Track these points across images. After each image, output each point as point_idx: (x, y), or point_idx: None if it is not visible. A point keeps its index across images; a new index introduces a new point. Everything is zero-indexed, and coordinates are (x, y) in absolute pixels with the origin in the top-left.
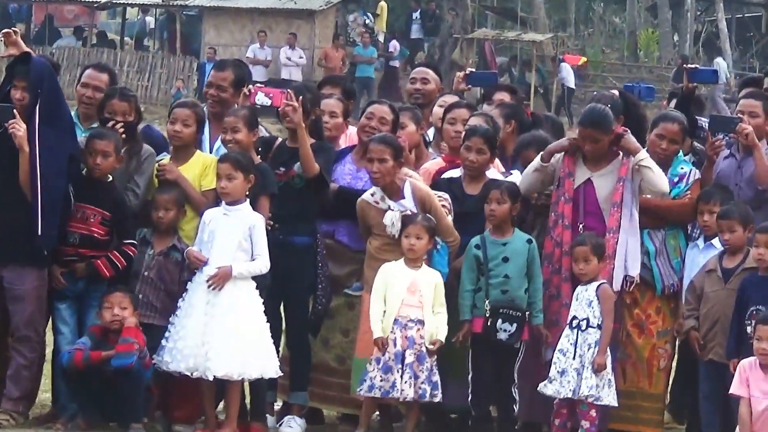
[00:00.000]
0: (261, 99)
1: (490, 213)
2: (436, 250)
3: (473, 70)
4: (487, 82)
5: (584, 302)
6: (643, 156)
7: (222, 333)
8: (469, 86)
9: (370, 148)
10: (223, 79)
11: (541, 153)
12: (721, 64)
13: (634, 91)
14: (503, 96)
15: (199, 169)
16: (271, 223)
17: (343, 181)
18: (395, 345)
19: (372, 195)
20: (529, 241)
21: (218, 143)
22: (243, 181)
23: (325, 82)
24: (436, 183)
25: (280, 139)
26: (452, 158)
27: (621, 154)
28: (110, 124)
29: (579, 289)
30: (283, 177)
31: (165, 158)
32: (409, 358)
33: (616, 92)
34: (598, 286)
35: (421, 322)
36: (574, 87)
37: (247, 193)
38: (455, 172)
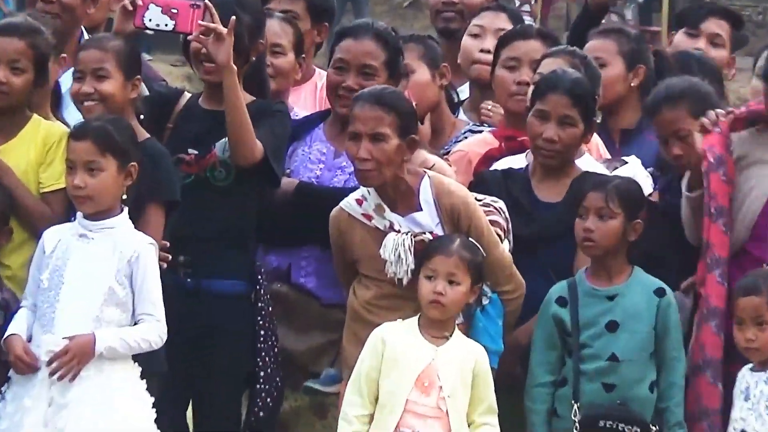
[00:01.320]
0: (154, 17)
1: (585, 238)
2: (480, 306)
3: None
4: None
5: (762, 404)
6: None
7: None
8: None
9: (354, 114)
10: None
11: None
12: None
13: None
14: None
15: (36, 151)
16: (172, 255)
17: (308, 174)
18: None
19: (359, 203)
20: (661, 292)
21: (67, 100)
22: (115, 175)
23: None
24: (481, 179)
25: (187, 96)
26: (510, 133)
27: None
28: None
29: (747, 374)
30: (195, 167)
31: None
32: None
33: None
34: None
35: None
36: None
37: (124, 196)
38: (516, 160)
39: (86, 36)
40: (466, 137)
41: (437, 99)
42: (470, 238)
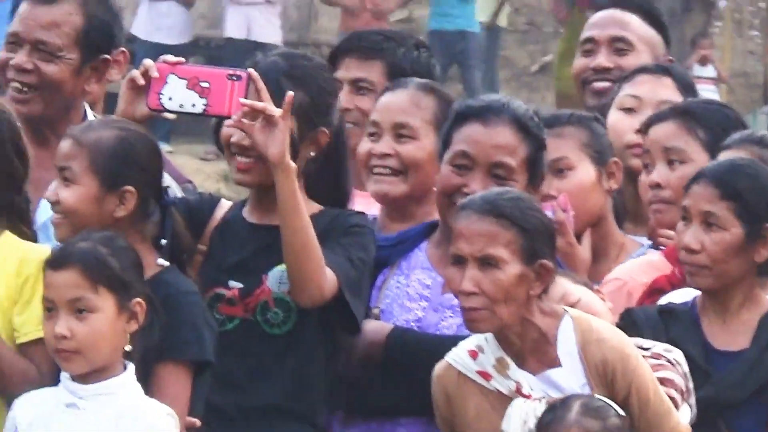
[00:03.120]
0: (175, 94)
1: None
2: None
3: None
4: None
5: None
6: None
7: None
8: None
9: (458, 228)
10: (50, 25)
11: None
12: None
13: None
14: None
15: (8, 284)
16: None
17: (405, 316)
18: None
19: (473, 356)
20: None
21: (42, 211)
22: (113, 317)
23: (348, 47)
24: (630, 320)
25: (226, 205)
26: None
27: None
28: None
29: None
30: (240, 307)
31: None
32: None
33: None
34: None
35: None
36: None
37: (128, 347)
38: (686, 293)
39: (91, 115)
40: None
41: (602, 208)
42: (600, 397)
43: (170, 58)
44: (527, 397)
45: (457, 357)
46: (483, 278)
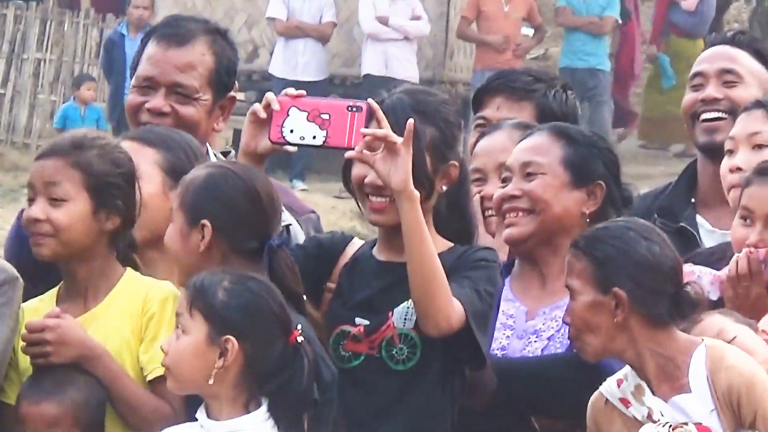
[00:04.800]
0: (297, 127)
1: None
2: None
3: None
4: None
5: None
6: None
7: None
8: None
9: (568, 261)
10: (186, 67)
11: None
12: None
13: None
14: None
15: (133, 321)
16: None
17: (492, 345)
18: None
19: (618, 383)
20: None
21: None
22: (202, 345)
23: (498, 87)
24: None
25: (357, 244)
26: None
27: None
28: None
29: None
30: (365, 344)
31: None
32: None
33: None
34: None
35: None
36: None
37: (210, 381)
38: None
39: (213, 156)
40: None
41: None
42: None
43: (291, 91)
44: (655, 422)
45: (607, 385)
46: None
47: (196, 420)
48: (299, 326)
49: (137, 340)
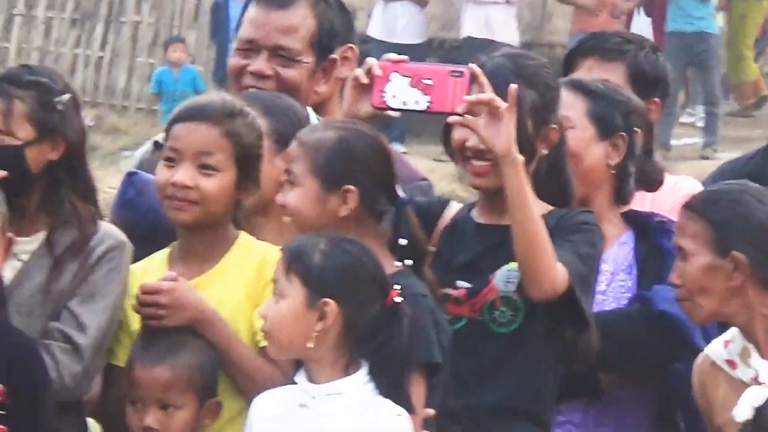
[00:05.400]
0: (399, 92)
1: None
2: None
3: None
4: None
5: None
6: None
7: None
8: None
9: (680, 222)
10: (288, 30)
11: None
12: None
13: None
14: None
15: (247, 286)
16: None
17: None
18: None
19: (725, 345)
20: None
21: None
22: (300, 309)
23: (589, 49)
24: None
25: (455, 207)
26: None
27: None
28: None
29: None
30: (467, 307)
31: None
32: None
33: None
34: None
35: None
36: None
37: (310, 345)
38: None
39: (314, 119)
40: None
41: None
42: None
43: (393, 56)
44: (761, 384)
45: (713, 347)
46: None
47: (295, 383)
48: (397, 287)
49: (252, 305)
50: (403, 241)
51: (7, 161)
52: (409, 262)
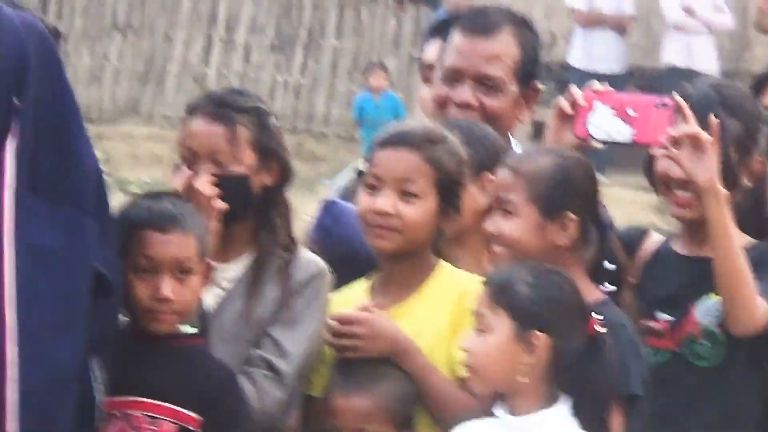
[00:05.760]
0: (603, 123)
1: None
2: None
3: None
4: None
5: None
6: None
7: None
8: None
9: None
10: (493, 58)
11: None
12: None
13: None
14: None
15: (449, 316)
16: None
17: None
18: None
19: None
20: None
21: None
22: (507, 342)
23: None
24: None
25: (656, 238)
26: None
27: None
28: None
29: None
30: (670, 340)
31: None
32: None
33: None
34: None
35: None
36: None
37: (523, 380)
38: None
39: (515, 146)
40: None
41: None
42: None
43: (597, 85)
44: None
45: None
46: None
47: (493, 415)
48: (598, 316)
49: (453, 334)
50: (610, 266)
51: (234, 190)
52: (612, 288)
